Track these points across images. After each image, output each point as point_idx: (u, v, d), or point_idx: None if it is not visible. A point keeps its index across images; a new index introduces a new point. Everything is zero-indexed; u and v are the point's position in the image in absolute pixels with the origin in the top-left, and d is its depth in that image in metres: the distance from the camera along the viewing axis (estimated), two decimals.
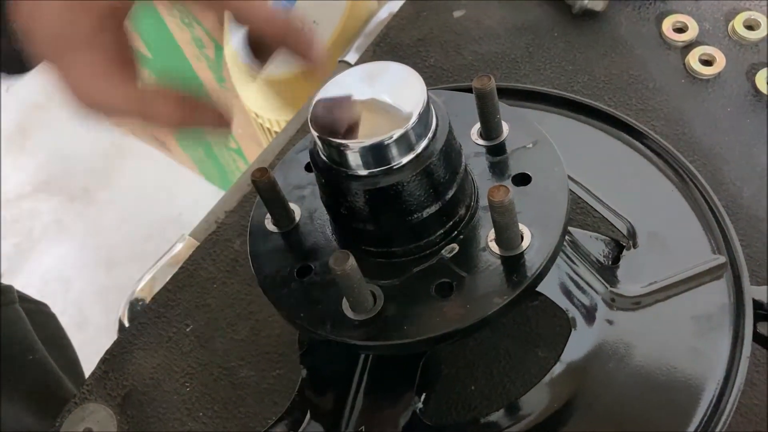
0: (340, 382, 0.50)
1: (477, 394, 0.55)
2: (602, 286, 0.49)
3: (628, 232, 0.52)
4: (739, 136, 0.65)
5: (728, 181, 0.62)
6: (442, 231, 0.44)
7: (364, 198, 0.41)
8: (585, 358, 0.47)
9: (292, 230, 0.48)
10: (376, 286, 0.43)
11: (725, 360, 0.45)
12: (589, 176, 0.55)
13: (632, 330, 0.48)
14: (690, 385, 0.45)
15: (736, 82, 0.68)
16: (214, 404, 0.60)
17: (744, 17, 0.69)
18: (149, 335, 0.64)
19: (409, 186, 0.41)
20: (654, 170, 0.56)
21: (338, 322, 0.42)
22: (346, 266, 0.38)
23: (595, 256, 0.51)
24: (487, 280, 0.41)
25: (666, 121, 0.66)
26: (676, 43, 0.70)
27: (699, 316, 0.48)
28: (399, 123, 0.40)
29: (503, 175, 0.46)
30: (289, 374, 0.59)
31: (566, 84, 0.70)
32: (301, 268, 0.46)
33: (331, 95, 0.42)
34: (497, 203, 0.39)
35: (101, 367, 0.63)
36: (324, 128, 0.41)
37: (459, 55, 0.74)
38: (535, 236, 0.42)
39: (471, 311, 0.41)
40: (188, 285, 0.66)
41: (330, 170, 0.42)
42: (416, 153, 0.41)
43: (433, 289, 0.42)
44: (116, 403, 0.61)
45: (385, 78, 0.42)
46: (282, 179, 0.50)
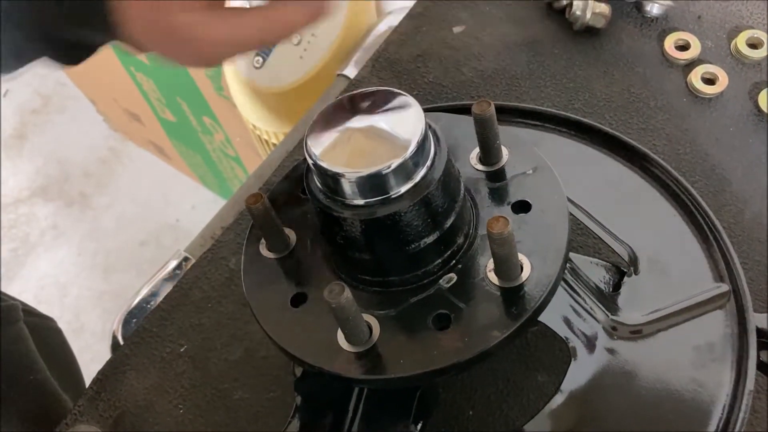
0: (336, 410, 0.49)
1: (475, 419, 0.55)
2: (603, 314, 0.48)
3: (629, 257, 0.51)
4: (741, 156, 0.64)
5: (730, 203, 0.62)
6: (440, 260, 0.43)
7: (361, 228, 0.40)
8: (585, 388, 0.46)
9: (286, 256, 0.47)
10: (372, 317, 0.42)
11: (728, 392, 0.45)
12: (588, 199, 0.55)
13: (633, 360, 0.47)
14: (692, 418, 0.44)
15: (738, 102, 0.67)
16: (208, 426, 0.59)
17: (747, 36, 0.68)
18: (142, 355, 0.63)
19: (407, 216, 0.40)
20: (655, 193, 0.55)
21: (333, 354, 0.41)
22: (341, 299, 0.37)
23: (595, 283, 0.50)
24: (486, 311, 0.41)
25: (667, 140, 0.65)
26: (678, 62, 0.69)
27: (701, 346, 0.47)
28: (397, 152, 0.39)
29: (503, 202, 0.46)
30: (284, 396, 0.59)
31: (566, 102, 0.69)
32: (295, 296, 0.45)
33: (327, 122, 0.41)
34: (496, 235, 0.38)
35: (93, 388, 0.62)
36: (319, 156, 0.40)
37: (458, 72, 0.73)
38: (535, 267, 0.41)
39: (469, 344, 0.40)
40: (182, 304, 0.65)
41: (325, 199, 0.41)
42: (414, 182, 0.40)
43: (431, 321, 0.41)
44: (108, 425, 0.60)
45: (383, 105, 0.41)
46: (277, 203, 0.49)
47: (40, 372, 0.77)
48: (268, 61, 0.91)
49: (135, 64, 1.53)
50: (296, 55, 0.89)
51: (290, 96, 0.90)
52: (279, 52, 0.90)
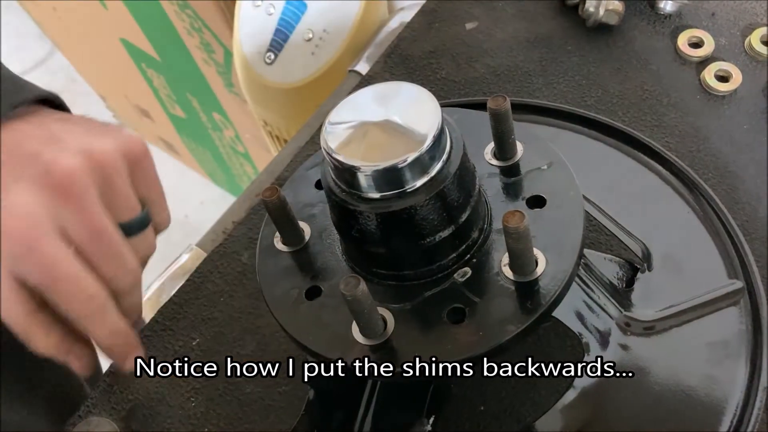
0: (348, 404, 0.49)
1: (487, 414, 0.54)
2: (616, 310, 0.48)
3: (643, 254, 0.51)
4: (755, 154, 0.64)
5: (744, 201, 0.61)
6: (455, 254, 0.43)
7: (376, 221, 0.40)
8: (598, 384, 0.46)
9: (301, 249, 0.47)
10: (387, 310, 0.42)
11: (742, 389, 0.45)
12: (602, 195, 0.55)
13: (646, 356, 0.47)
14: (705, 415, 0.44)
15: (752, 99, 0.66)
16: (220, 420, 0.59)
17: (761, 33, 0.68)
18: (155, 348, 0.63)
19: (423, 210, 0.40)
20: (669, 190, 0.55)
21: (347, 346, 0.41)
22: (356, 291, 0.38)
23: (609, 279, 0.50)
24: (501, 306, 0.41)
25: (681, 138, 0.65)
26: (691, 59, 0.69)
27: (715, 342, 0.47)
28: (413, 146, 0.39)
29: (517, 197, 0.46)
30: (296, 391, 0.59)
31: (579, 98, 0.69)
32: (310, 289, 0.45)
33: (343, 116, 0.41)
34: (512, 229, 0.38)
35: (106, 380, 0.63)
36: (336, 150, 0.40)
37: (471, 68, 0.73)
38: (550, 262, 0.41)
39: (484, 338, 0.40)
40: (195, 298, 0.65)
41: (341, 192, 0.41)
42: (430, 176, 0.40)
43: (445, 315, 0.41)
44: (120, 417, 0.61)
45: (399, 99, 0.41)
46: (291, 196, 0.49)
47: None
48: (279, 57, 0.91)
49: (146, 61, 1.53)
50: (308, 51, 0.89)
51: (302, 92, 0.90)
52: (291, 48, 0.90)
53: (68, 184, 0.45)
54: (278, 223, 0.46)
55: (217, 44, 1.27)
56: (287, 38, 0.90)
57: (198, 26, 1.26)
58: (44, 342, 0.49)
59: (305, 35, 0.89)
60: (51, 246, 0.44)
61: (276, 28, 0.91)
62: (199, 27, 1.26)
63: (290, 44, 0.90)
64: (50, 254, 0.44)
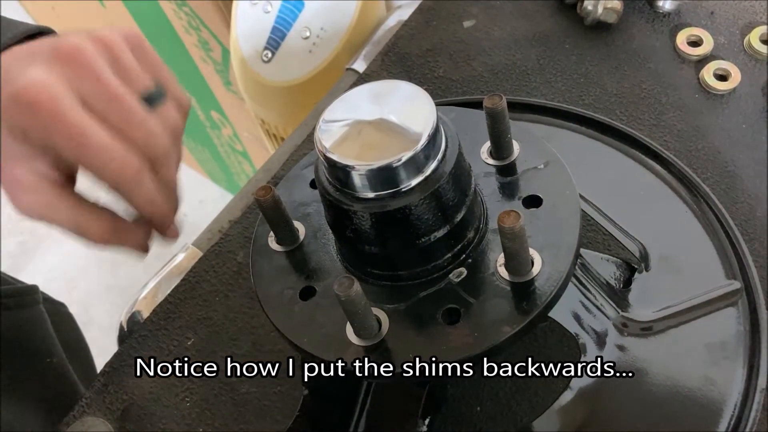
0: (343, 404, 0.48)
1: (483, 415, 0.54)
2: (613, 310, 0.48)
3: (640, 254, 0.51)
4: (753, 153, 0.63)
5: (742, 200, 0.61)
6: (450, 254, 0.43)
7: (371, 221, 0.40)
8: (595, 385, 0.46)
9: (295, 249, 0.47)
10: (381, 311, 0.42)
11: (740, 390, 0.44)
12: (599, 195, 0.54)
13: (643, 357, 0.46)
14: (703, 416, 0.44)
15: (751, 98, 0.66)
16: (215, 420, 0.59)
17: (760, 32, 0.68)
18: (150, 348, 0.63)
19: (418, 209, 0.40)
20: (667, 189, 0.55)
21: (342, 347, 0.41)
22: (350, 292, 0.37)
23: (606, 279, 0.49)
24: (496, 307, 0.40)
25: (679, 136, 0.65)
26: (690, 57, 0.68)
27: (712, 343, 0.46)
28: (408, 145, 0.39)
29: (513, 197, 0.45)
30: (291, 391, 0.58)
31: (577, 97, 0.68)
32: (304, 290, 0.45)
33: (338, 114, 0.41)
34: (508, 229, 0.38)
35: (100, 380, 0.62)
36: (330, 149, 0.39)
37: (468, 66, 0.73)
38: (546, 262, 0.41)
39: (479, 339, 0.39)
40: (190, 297, 0.65)
41: (335, 192, 0.41)
42: (425, 175, 0.39)
43: (440, 315, 0.41)
44: (115, 417, 0.60)
45: (394, 97, 0.41)
46: (286, 196, 0.48)
47: (57, 356, 0.76)
48: (277, 55, 0.90)
49: None
50: (305, 49, 0.89)
51: (299, 90, 0.90)
52: (288, 46, 0.90)
53: (77, 54, 0.46)
54: (272, 223, 0.46)
55: (215, 42, 1.27)
56: (284, 36, 0.90)
57: (196, 24, 1.26)
58: (97, 228, 0.50)
59: (302, 33, 0.89)
60: (76, 113, 0.45)
61: (273, 26, 0.90)
62: (196, 25, 1.26)
63: (287, 42, 0.89)
64: (77, 122, 0.45)
